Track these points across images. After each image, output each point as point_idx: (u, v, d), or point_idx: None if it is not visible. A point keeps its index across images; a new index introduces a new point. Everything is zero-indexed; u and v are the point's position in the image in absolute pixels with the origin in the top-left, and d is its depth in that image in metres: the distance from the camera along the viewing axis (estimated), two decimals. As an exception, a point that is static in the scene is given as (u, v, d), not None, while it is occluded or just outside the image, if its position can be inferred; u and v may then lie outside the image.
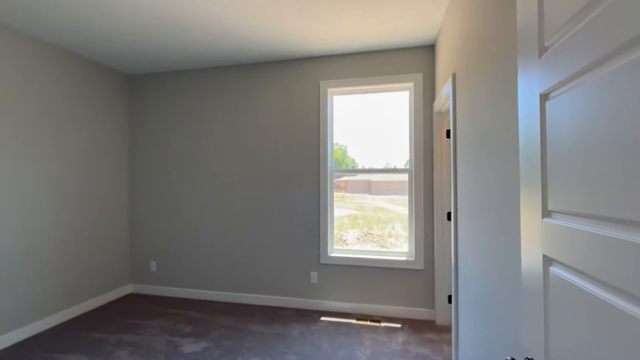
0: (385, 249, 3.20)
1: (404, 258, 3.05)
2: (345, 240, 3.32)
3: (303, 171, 3.23)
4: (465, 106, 1.87)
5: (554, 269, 0.65)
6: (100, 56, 3.15)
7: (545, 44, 0.68)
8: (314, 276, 3.19)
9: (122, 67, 3.46)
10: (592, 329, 0.52)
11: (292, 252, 3.26)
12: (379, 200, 3.36)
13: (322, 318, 2.99)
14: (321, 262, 3.18)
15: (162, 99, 3.61)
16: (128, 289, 3.64)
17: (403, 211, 3.17)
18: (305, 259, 3.22)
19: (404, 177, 3.14)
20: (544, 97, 0.69)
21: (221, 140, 3.45)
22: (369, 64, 3.10)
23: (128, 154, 3.69)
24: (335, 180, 3.30)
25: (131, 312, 3.14)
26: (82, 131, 3.14)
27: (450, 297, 2.82)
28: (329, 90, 3.20)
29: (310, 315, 3.05)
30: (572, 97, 0.59)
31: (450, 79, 2.18)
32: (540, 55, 0.69)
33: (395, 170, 3.18)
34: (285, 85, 3.29)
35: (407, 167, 3.13)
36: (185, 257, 3.54)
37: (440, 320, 2.88)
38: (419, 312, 2.98)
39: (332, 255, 3.18)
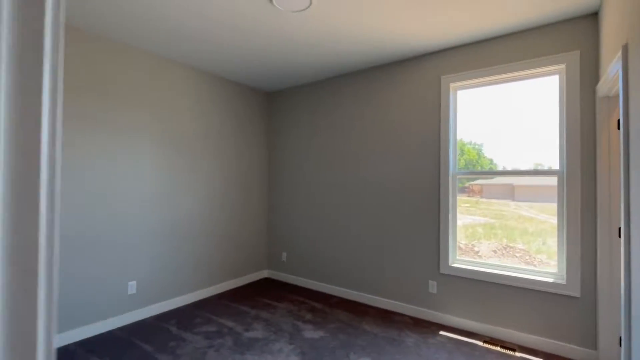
0: (526, 267, 2.68)
1: (550, 279, 2.49)
2: (477, 252, 2.94)
3: (423, 173, 3.07)
4: (643, 85, 1.39)
5: None
6: (246, 79, 3.86)
7: None
8: (433, 285, 2.98)
9: (263, 86, 4.13)
10: None
11: (410, 257, 3.14)
12: (524, 208, 2.82)
13: (441, 332, 2.76)
14: (441, 271, 2.94)
15: (295, 108, 4.11)
16: (265, 273, 4.29)
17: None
18: (424, 266, 3.05)
19: (554, 180, 2.56)
20: None
21: (348, 144, 3.65)
22: (500, 50, 2.68)
23: (267, 163, 4.36)
24: (467, 184, 2.97)
25: (266, 293, 3.69)
26: (233, 143, 3.91)
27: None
28: (451, 85, 2.94)
29: (427, 327, 2.86)
30: None
31: (619, 52, 1.66)
32: None
33: (537, 172, 2.64)
34: (404, 84, 3.22)
35: (557, 168, 2.54)
36: (309, 251, 3.90)
37: (606, 367, 2.21)
38: (573, 351, 2.37)
39: (453, 265, 2.89)
